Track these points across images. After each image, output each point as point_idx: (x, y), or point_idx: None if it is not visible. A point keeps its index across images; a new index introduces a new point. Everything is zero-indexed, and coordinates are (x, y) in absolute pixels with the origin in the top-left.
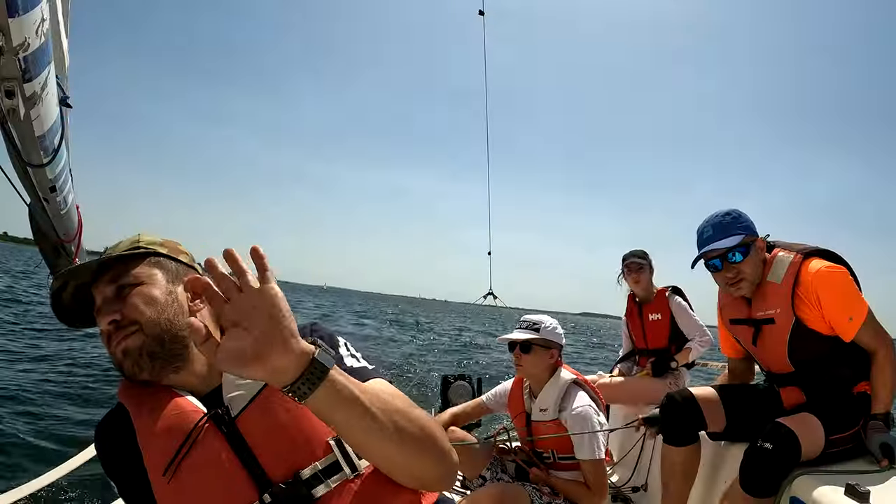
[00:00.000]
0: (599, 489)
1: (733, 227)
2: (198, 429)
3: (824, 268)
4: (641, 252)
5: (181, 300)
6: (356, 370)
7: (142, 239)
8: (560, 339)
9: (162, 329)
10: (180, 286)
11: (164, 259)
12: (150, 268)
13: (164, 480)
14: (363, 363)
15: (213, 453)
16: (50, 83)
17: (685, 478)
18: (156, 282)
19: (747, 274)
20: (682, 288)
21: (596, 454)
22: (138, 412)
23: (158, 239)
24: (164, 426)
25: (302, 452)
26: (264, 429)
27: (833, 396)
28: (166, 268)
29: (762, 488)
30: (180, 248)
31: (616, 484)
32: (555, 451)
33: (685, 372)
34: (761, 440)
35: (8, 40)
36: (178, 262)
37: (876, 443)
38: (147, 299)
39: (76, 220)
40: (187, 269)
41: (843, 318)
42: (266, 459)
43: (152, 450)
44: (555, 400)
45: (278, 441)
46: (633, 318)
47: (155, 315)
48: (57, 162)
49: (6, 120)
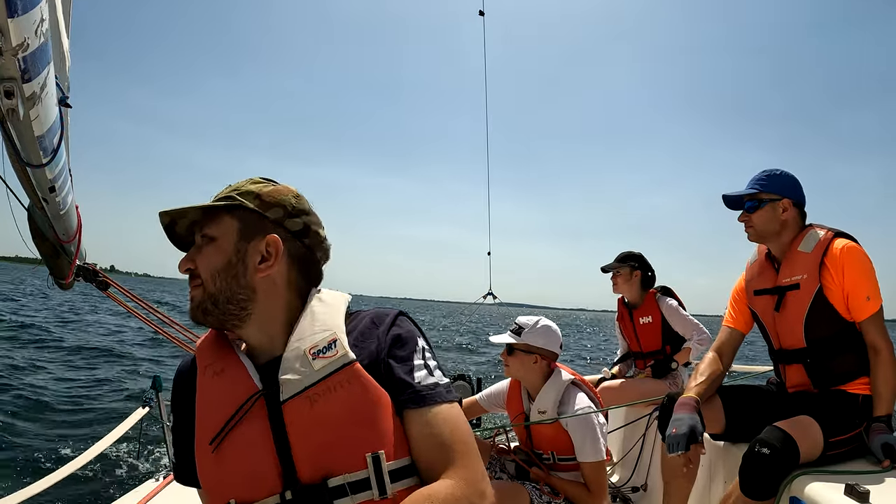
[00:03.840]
0: (599, 490)
1: (759, 181)
2: (244, 407)
3: (854, 245)
4: (623, 255)
5: (249, 261)
6: (425, 389)
7: (241, 187)
8: (549, 345)
9: (217, 289)
10: (254, 242)
11: (247, 212)
12: (230, 221)
13: (208, 449)
14: (435, 377)
15: (253, 434)
16: (49, 83)
17: (685, 478)
18: (227, 239)
19: (755, 224)
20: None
21: (597, 456)
22: (203, 371)
23: (259, 188)
24: (217, 395)
25: (337, 459)
26: (307, 423)
27: (833, 393)
28: (246, 222)
29: (762, 492)
30: (280, 198)
31: (616, 484)
32: (554, 452)
33: (683, 371)
34: (759, 445)
35: (7, 41)
36: (263, 216)
37: (878, 443)
38: (211, 257)
39: (76, 221)
40: (272, 224)
41: (862, 296)
42: (300, 455)
43: (202, 417)
44: (553, 401)
45: (317, 441)
46: (624, 322)
47: (213, 274)
48: (56, 162)
49: (5, 120)
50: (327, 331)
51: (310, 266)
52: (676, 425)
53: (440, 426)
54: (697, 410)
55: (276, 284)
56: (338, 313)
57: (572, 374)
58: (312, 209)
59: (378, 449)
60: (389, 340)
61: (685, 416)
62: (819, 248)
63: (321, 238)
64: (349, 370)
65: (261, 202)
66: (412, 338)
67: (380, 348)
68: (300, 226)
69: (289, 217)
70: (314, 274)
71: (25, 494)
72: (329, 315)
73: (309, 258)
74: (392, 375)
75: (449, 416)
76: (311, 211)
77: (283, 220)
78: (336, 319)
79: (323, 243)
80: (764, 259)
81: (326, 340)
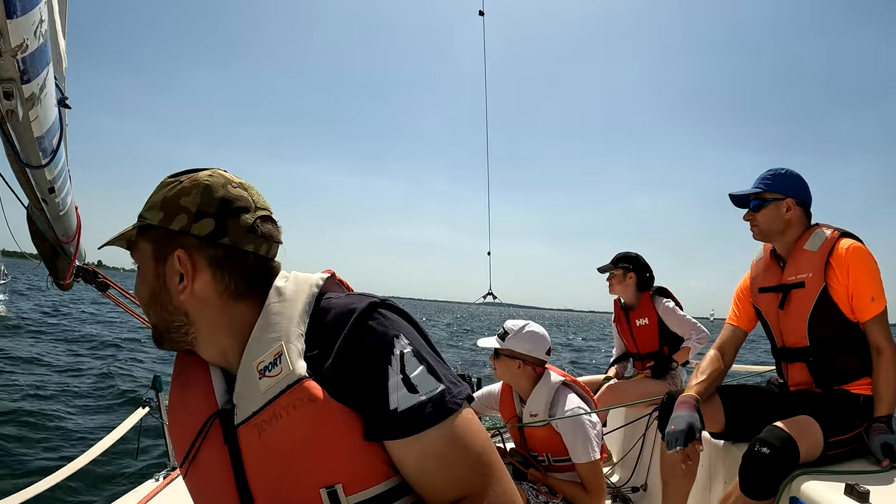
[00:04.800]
0: (597, 490)
1: (764, 181)
2: (203, 430)
3: (860, 245)
4: (618, 257)
5: (170, 284)
6: (404, 416)
7: (151, 198)
8: (534, 351)
9: (155, 321)
10: (169, 262)
11: (154, 229)
12: (144, 244)
13: (183, 470)
14: (420, 392)
15: (211, 459)
16: (48, 84)
17: (685, 478)
18: (146, 266)
19: (759, 223)
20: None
21: (590, 456)
22: (173, 385)
23: (163, 194)
24: (182, 411)
25: (291, 493)
26: (258, 454)
27: (834, 393)
28: (156, 241)
29: (762, 491)
30: (181, 201)
31: (616, 484)
32: (549, 454)
33: (682, 370)
34: (759, 444)
35: (6, 42)
36: (168, 230)
37: (877, 443)
38: (139, 288)
39: (75, 221)
40: (179, 236)
41: (866, 296)
42: (255, 484)
43: (173, 436)
44: (544, 404)
45: (270, 469)
46: (620, 323)
47: (146, 307)
48: (56, 163)
49: (4, 121)
50: (276, 340)
51: (243, 266)
52: (675, 422)
53: (439, 450)
54: (697, 409)
55: (208, 300)
56: (293, 313)
57: (564, 375)
58: (236, 192)
59: (333, 482)
60: (349, 355)
61: (684, 413)
62: (825, 247)
63: (247, 226)
64: (297, 391)
65: (164, 213)
66: (384, 346)
67: (337, 365)
68: (210, 226)
69: (194, 221)
70: (256, 269)
71: (26, 495)
72: (285, 315)
73: (237, 258)
74: (356, 402)
75: (451, 434)
76: (233, 196)
77: (189, 228)
78: (288, 323)
79: (255, 231)
80: (769, 257)
81: (272, 354)
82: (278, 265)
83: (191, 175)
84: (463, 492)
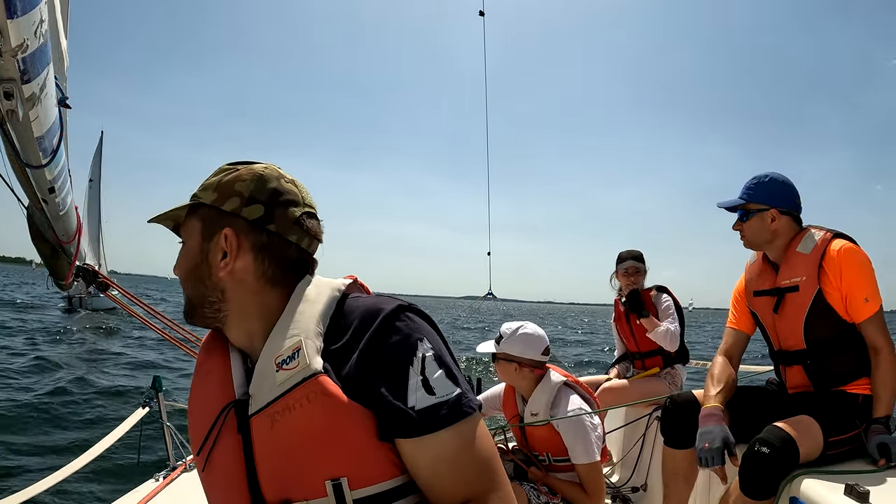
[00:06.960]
0: (596, 491)
1: (747, 191)
2: (220, 419)
3: (851, 246)
4: (638, 254)
5: (212, 260)
6: (420, 415)
7: (206, 181)
8: (529, 353)
9: (190, 293)
10: (215, 240)
11: (206, 208)
12: (194, 222)
13: (199, 459)
14: (437, 394)
15: (227, 447)
16: (49, 84)
17: (686, 480)
18: (193, 242)
19: (746, 234)
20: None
21: (589, 457)
22: (196, 370)
23: (219, 179)
24: (203, 399)
25: (297, 483)
26: (267, 445)
27: (833, 394)
28: (206, 220)
29: (762, 491)
30: (236, 186)
31: (616, 484)
32: (549, 453)
33: (682, 370)
34: (758, 444)
35: (7, 42)
36: (220, 210)
37: (874, 443)
38: (182, 262)
39: (75, 221)
40: (229, 216)
41: (860, 297)
42: (264, 475)
43: (191, 425)
44: (545, 404)
45: (279, 460)
46: (621, 322)
47: (185, 279)
48: (56, 163)
49: (5, 121)
50: (296, 336)
51: (284, 255)
52: (709, 439)
53: (452, 451)
54: (726, 421)
55: (245, 281)
56: (315, 311)
57: (565, 375)
58: (287, 186)
59: (340, 475)
60: (373, 352)
61: (715, 427)
62: (817, 250)
63: (294, 219)
64: (311, 384)
65: (218, 195)
66: (407, 347)
67: (361, 361)
68: (259, 212)
69: (246, 205)
70: (295, 262)
71: (26, 495)
72: (306, 314)
73: (279, 246)
74: (374, 399)
75: (464, 437)
76: (284, 189)
77: (240, 210)
78: (309, 321)
79: (300, 225)
80: (762, 260)
81: (291, 348)
82: (316, 262)
83: (248, 165)
84: (469, 495)
